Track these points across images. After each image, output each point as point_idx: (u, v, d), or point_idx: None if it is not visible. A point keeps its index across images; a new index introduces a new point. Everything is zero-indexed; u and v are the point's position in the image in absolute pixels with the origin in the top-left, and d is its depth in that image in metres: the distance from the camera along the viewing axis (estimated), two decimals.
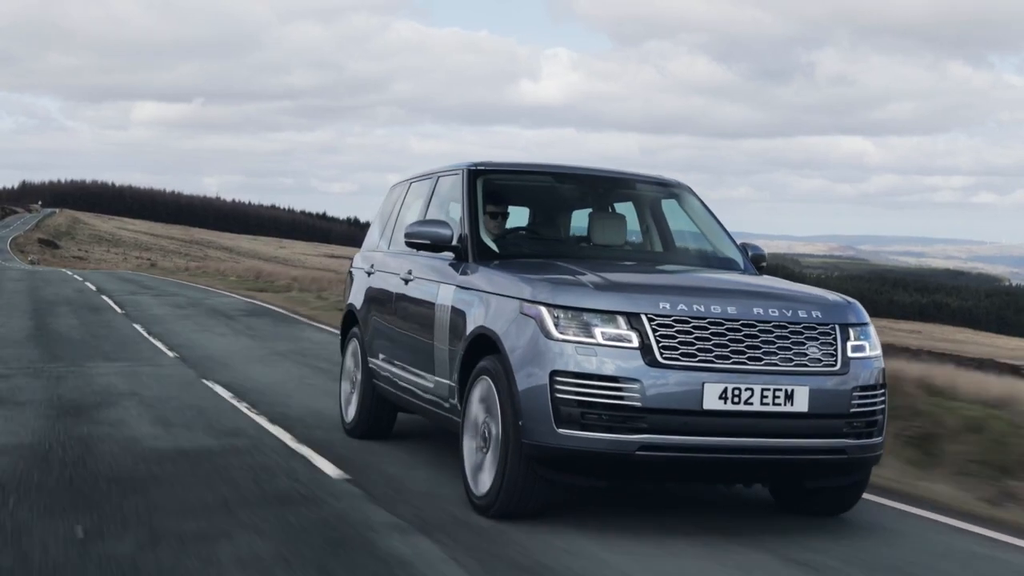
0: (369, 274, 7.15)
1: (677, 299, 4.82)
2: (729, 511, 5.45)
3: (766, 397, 4.73)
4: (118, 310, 18.53)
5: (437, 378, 5.80)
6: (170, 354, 11.61)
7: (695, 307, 4.79)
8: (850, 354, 4.99)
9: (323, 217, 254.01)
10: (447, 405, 5.69)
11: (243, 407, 8.00)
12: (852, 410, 4.92)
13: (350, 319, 7.39)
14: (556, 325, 4.81)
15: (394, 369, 6.43)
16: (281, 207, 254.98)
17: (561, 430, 4.70)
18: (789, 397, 4.76)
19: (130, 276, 37.62)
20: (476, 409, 5.24)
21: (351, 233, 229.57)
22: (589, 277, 5.05)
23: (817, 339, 4.94)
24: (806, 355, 4.88)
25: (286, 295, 23.99)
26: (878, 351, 5.19)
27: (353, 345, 7.23)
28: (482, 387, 5.17)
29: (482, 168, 6.15)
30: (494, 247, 5.83)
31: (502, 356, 4.96)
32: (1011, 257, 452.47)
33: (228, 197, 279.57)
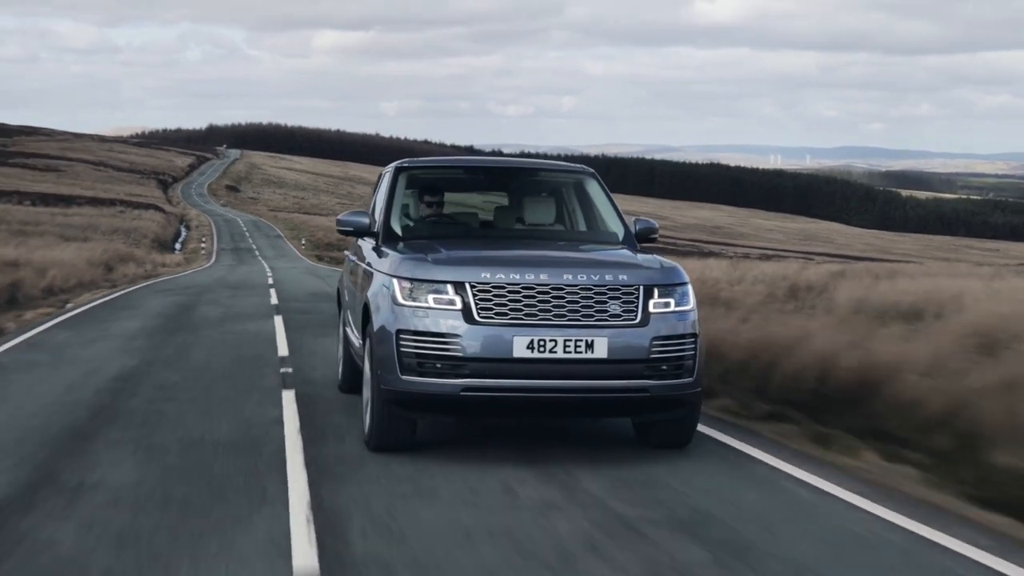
0: (347, 258, 9.58)
1: (497, 270, 6.70)
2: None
3: (568, 346, 6.57)
4: (244, 227, 79.90)
5: (360, 341, 7.81)
6: (243, 225, 71.80)
7: (511, 276, 6.66)
8: (651, 310, 6.79)
9: (470, 150, 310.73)
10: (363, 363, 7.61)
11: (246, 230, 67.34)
12: (652, 356, 6.72)
13: (339, 295, 10.08)
14: (402, 294, 6.76)
15: (350, 335, 8.73)
16: (433, 141, 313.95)
17: (404, 376, 6.66)
18: (590, 346, 6.58)
19: (257, 222, 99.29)
20: (367, 364, 7.25)
21: None
22: (437, 255, 6.99)
23: (619, 298, 6.75)
24: (607, 311, 6.69)
25: (295, 233, 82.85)
26: (688, 307, 7.00)
27: (342, 316, 9.64)
28: (369, 346, 7.18)
29: (405, 165, 8.51)
30: (399, 231, 7.96)
31: (371, 320, 7.04)
32: None
33: (387, 133, 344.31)
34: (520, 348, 6.55)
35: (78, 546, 5.16)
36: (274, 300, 21.94)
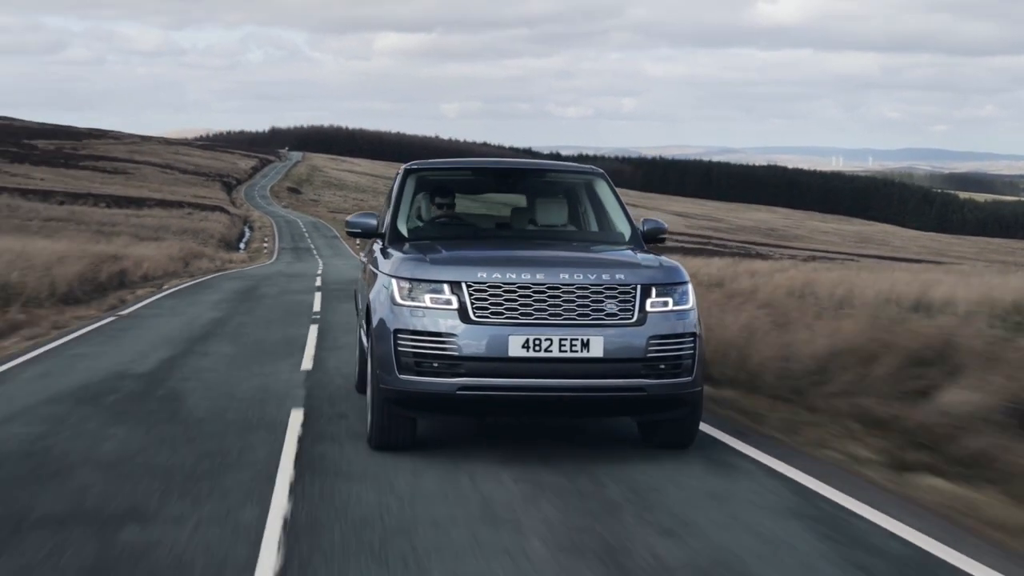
0: (361, 260, 10.01)
1: (493, 269, 6.77)
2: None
3: (564, 345, 6.61)
4: (303, 228, 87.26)
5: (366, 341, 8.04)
6: (303, 226, 79.40)
7: (508, 275, 6.73)
8: (649, 309, 6.80)
9: (529, 152, 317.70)
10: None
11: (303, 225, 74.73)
12: (649, 355, 6.73)
13: (355, 297, 10.52)
14: (400, 293, 6.87)
15: (362, 336, 8.81)
16: (492, 143, 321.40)
17: (402, 376, 6.78)
18: (585, 345, 6.62)
19: (316, 223, 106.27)
20: (369, 363, 7.46)
21: None
22: (436, 255, 7.05)
23: (616, 297, 6.78)
24: (603, 311, 6.73)
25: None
26: (688, 306, 7.00)
27: (359, 319, 9.68)
28: (370, 345, 7.35)
29: (414, 167, 8.68)
30: (405, 232, 8.01)
31: (371, 319, 7.23)
32: None
33: (446, 135, 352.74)
34: (516, 347, 6.67)
35: (210, 365, 12.22)
36: (318, 283, 28.97)
